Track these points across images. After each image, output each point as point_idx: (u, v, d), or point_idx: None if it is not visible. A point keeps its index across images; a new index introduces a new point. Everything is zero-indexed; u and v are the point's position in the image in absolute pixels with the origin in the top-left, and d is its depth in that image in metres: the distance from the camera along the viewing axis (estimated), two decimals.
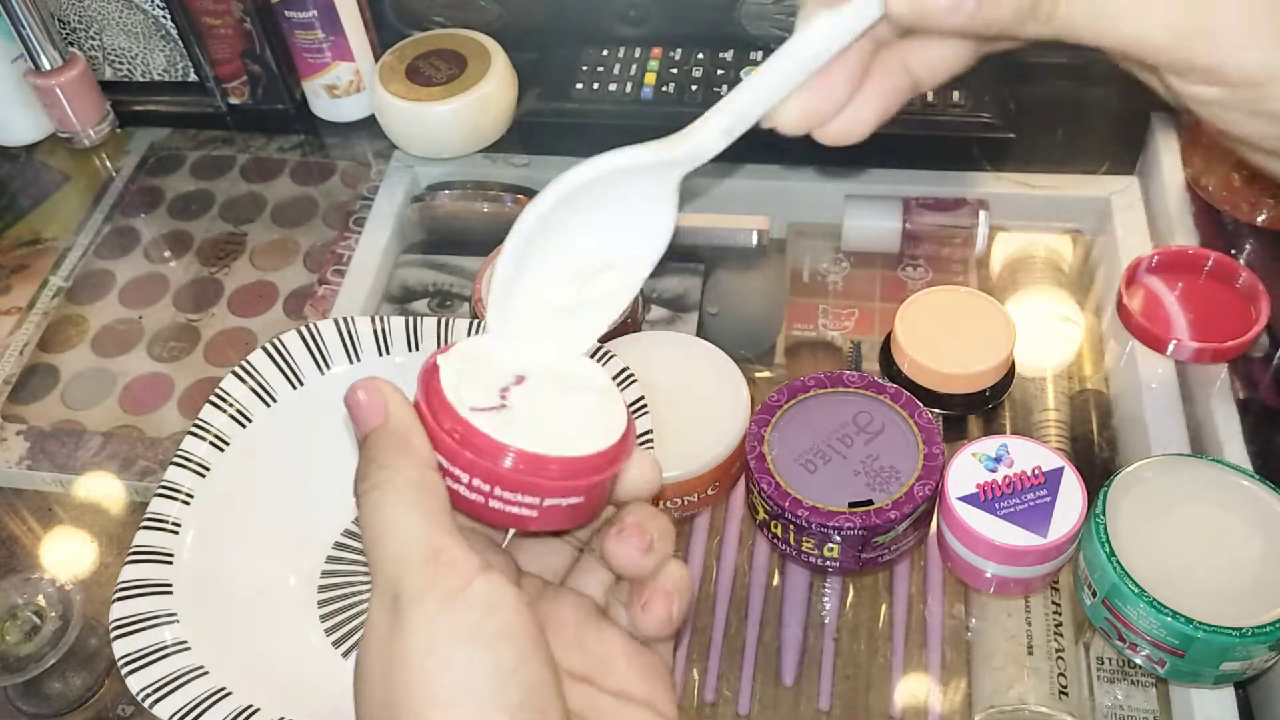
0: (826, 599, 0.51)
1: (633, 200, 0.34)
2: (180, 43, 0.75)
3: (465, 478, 0.30)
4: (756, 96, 0.33)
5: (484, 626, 0.27)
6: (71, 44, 0.76)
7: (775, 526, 0.49)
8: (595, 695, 0.31)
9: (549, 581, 0.34)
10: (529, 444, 0.29)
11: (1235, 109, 0.33)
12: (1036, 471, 0.47)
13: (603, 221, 0.34)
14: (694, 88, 0.72)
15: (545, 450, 0.29)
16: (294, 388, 0.50)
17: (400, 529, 0.28)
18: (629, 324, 0.58)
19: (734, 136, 0.33)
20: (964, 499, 0.47)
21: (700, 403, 0.52)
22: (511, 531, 0.35)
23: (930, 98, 0.69)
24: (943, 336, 0.55)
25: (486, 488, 0.30)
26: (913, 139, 0.69)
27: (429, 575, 0.27)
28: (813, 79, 0.33)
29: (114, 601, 0.42)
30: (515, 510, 0.30)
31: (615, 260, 0.34)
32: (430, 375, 0.31)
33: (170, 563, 0.44)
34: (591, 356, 0.48)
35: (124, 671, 0.40)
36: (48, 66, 0.73)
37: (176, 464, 0.47)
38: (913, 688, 0.48)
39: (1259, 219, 0.62)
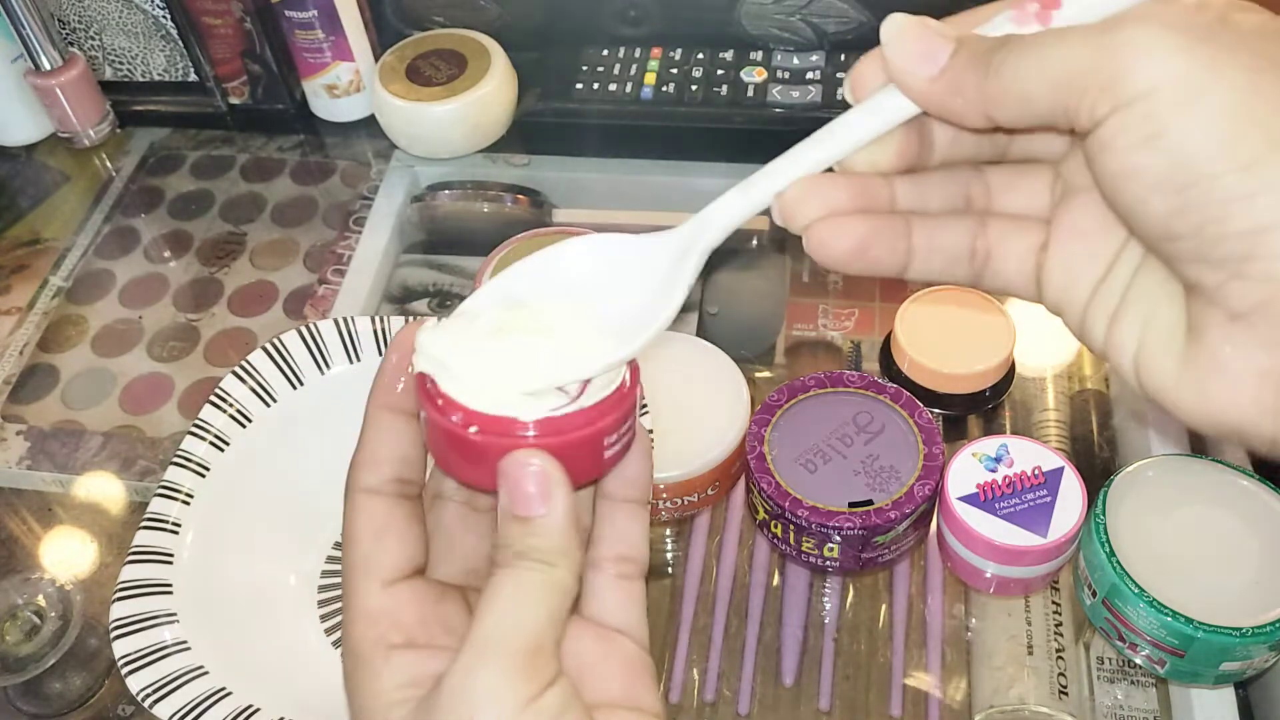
0: (826, 599, 0.51)
1: (641, 276, 0.32)
2: (180, 43, 0.75)
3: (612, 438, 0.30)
4: (770, 172, 0.30)
5: None
6: (71, 44, 0.76)
7: (775, 526, 0.49)
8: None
9: None
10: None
11: None
12: (1036, 471, 0.47)
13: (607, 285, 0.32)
14: (694, 88, 0.72)
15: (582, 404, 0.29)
16: (294, 388, 0.50)
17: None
18: None
19: (749, 207, 0.30)
20: (964, 499, 0.47)
21: (700, 403, 0.52)
22: None
23: None
24: (943, 336, 0.55)
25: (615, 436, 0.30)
26: None
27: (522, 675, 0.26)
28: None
29: (114, 601, 0.42)
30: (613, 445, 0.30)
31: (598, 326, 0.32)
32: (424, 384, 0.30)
33: (170, 563, 0.44)
34: None
35: (124, 671, 0.40)
36: (48, 66, 0.73)
37: (176, 464, 0.47)
38: (913, 688, 0.48)
39: None
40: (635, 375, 0.31)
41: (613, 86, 0.73)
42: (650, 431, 0.46)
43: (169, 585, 0.44)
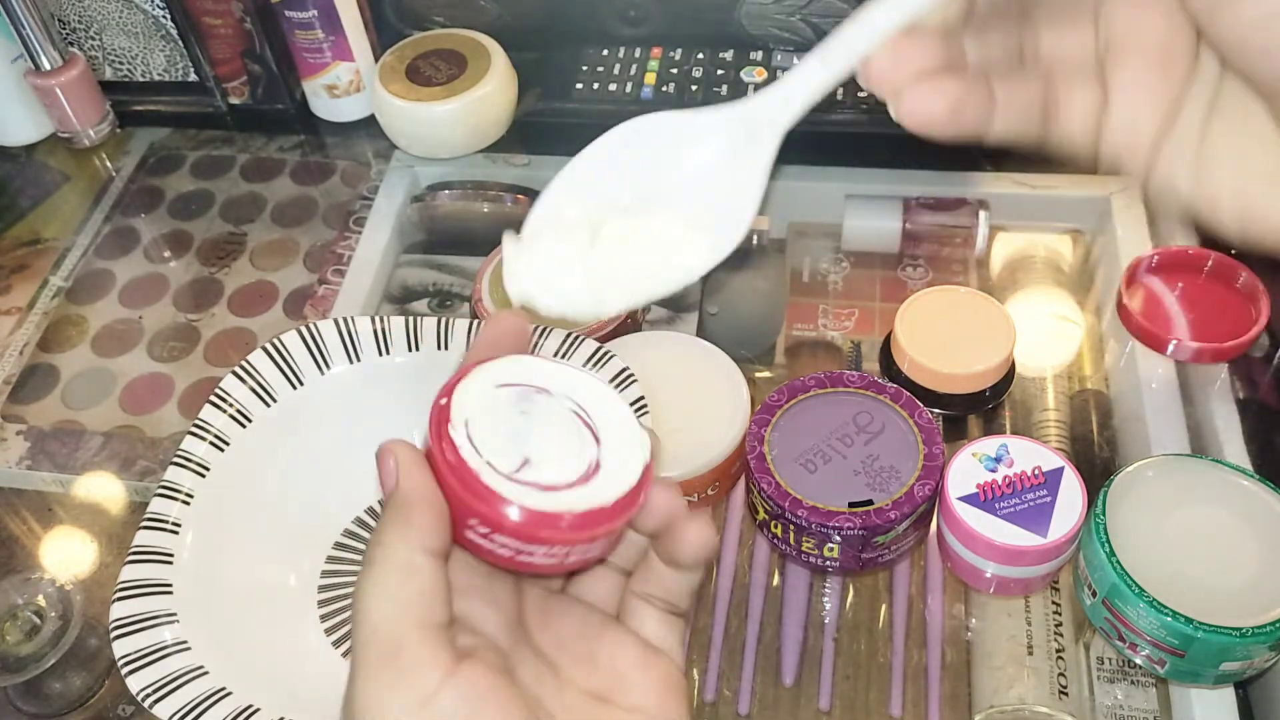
0: (826, 599, 0.51)
1: (716, 162, 0.30)
2: (180, 43, 0.75)
3: (483, 530, 0.29)
4: (847, 39, 0.29)
5: None
6: (71, 44, 0.76)
7: (775, 526, 0.49)
8: (612, 713, 0.30)
9: (552, 591, 0.34)
10: (542, 501, 0.28)
11: None
12: (1036, 471, 0.47)
13: (676, 173, 0.30)
14: (694, 88, 0.72)
15: (561, 507, 0.28)
16: (294, 388, 0.50)
17: (370, 617, 0.27)
18: (629, 324, 0.58)
19: (829, 78, 0.29)
20: (964, 499, 0.47)
21: (700, 403, 0.52)
22: None
23: None
24: (943, 336, 0.55)
25: (506, 541, 0.29)
26: (912, 139, 0.69)
27: (384, 680, 0.26)
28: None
29: (114, 601, 0.42)
30: (539, 560, 0.29)
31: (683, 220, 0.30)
32: (440, 419, 0.29)
33: (170, 563, 0.44)
34: (592, 358, 0.48)
35: (124, 671, 0.40)
36: (48, 66, 0.73)
37: (176, 464, 0.47)
38: (913, 688, 0.48)
39: None
40: (616, 512, 0.30)
41: (613, 86, 0.73)
42: (650, 432, 0.46)
43: (169, 585, 0.44)
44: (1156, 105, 0.29)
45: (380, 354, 0.51)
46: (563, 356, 0.48)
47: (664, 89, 0.72)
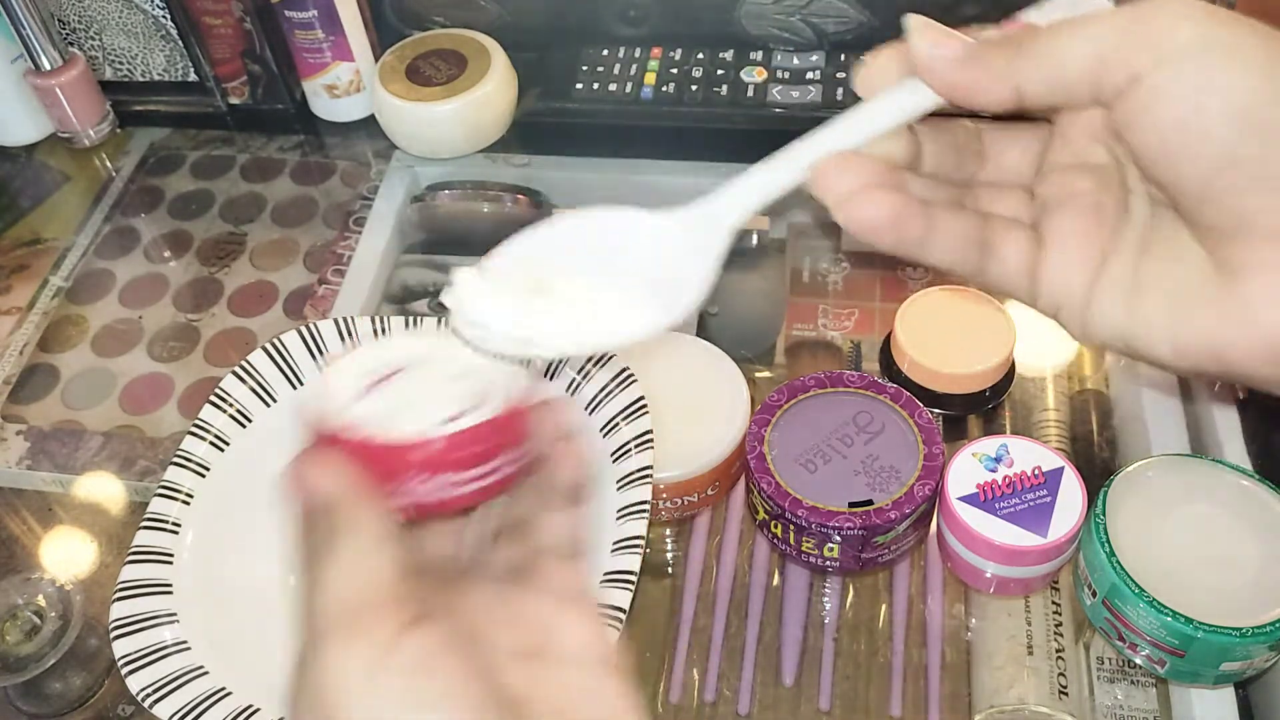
0: (826, 599, 0.51)
1: (661, 256, 0.33)
2: (180, 43, 0.75)
3: (413, 480, 0.30)
4: (795, 154, 0.32)
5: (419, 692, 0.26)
6: (71, 44, 0.76)
7: (775, 526, 0.49)
8: (546, 668, 0.30)
9: (461, 572, 0.34)
10: (446, 428, 0.30)
11: None
12: (1036, 471, 0.47)
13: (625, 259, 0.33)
14: (694, 88, 0.72)
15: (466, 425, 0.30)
16: (294, 388, 0.50)
17: (330, 589, 0.28)
18: None
19: (776, 187, 0.33)
20: (964, 499, 0.47)
21: (700, 403, 0.52)
22: None
23: None
24: (943, 336, 0.55)
25: (432, 480, 0.30)
26: None
27: (343, 640, 0.27)
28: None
29: (114, 601, 0.42)
30: (469, 487, 0.31)
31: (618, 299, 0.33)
32: (324, 412, 0.31)
33: (170, 563, 0.44)
34: (592, 358, 0.48)
35: (124, 671, 0.40)
36: (47, 66, 0.73)
37: (176, 464, 0.47)
38: (913, 688, 0.48)
39: None
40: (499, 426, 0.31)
41: (613, 86, 0.73)
42: (650, 432, 0.46)
43: (169, 585, 0.44)
44: (1089, 255, 0.31)
45: None
46: None
47: (664, 89, 0.72)
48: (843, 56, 0.73)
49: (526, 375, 0.33)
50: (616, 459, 0.46)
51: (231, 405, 0.49)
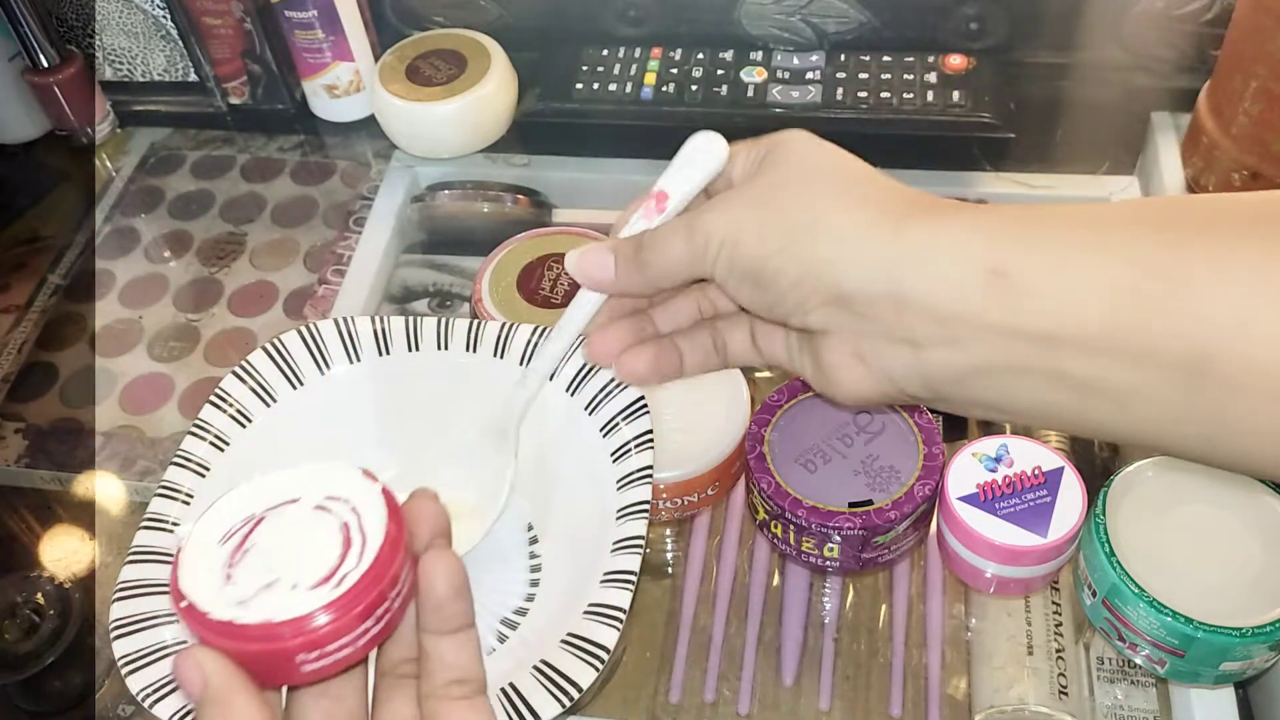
0: (826, 599, 0.51)
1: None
2: (180, 43, 0.75)
3: (300, 659, 0.29)
4: (548, 353, 0.44)
5: None
6: (71, 44, 0.76)
7: (775, 526, 0.49)
8: None
9: None
10: (311, 600, 0.28)
11: None
12: (1036, 471, 0.47)
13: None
14: (694, 88, 0.72)
15: (338, 590, 0.29)
16: (294, 388, 0.50)
17: None
18: None
19: (535, 384, 0.45)
20: (964, 499, 0.47)
21: (700, 403, 0.52)
22: None
23: (930, 98, 0.70)
24: None
25: (316, 655, 0.29)
26: (913, 139, 0.69)
27: None
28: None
29: (114, 601, 0.42)
30: (361, 645, 0.29)
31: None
32: (190, 606, 0.29)
33: (170, 563, 0.44)
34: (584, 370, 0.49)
35: (124, 671, 0.40)
36: (45, 65, 0.73)
37: (176, 464, 0.47)
38: (913, 688, 0.48)
39: None
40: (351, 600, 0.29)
41: (613, 86, 0.73)
42: (650, 432, 0.46)
43: (169, 586, 0.44)
44: (778, 332, 0.42)
45: (380, 354, 0.51)
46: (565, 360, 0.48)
47: (664, 89, 0.72)
48: (843, 56, 0.73)
49: (375, 483, 0.31)
50: (616, 459, 0.46)
51: (231, 405, 0.49)
